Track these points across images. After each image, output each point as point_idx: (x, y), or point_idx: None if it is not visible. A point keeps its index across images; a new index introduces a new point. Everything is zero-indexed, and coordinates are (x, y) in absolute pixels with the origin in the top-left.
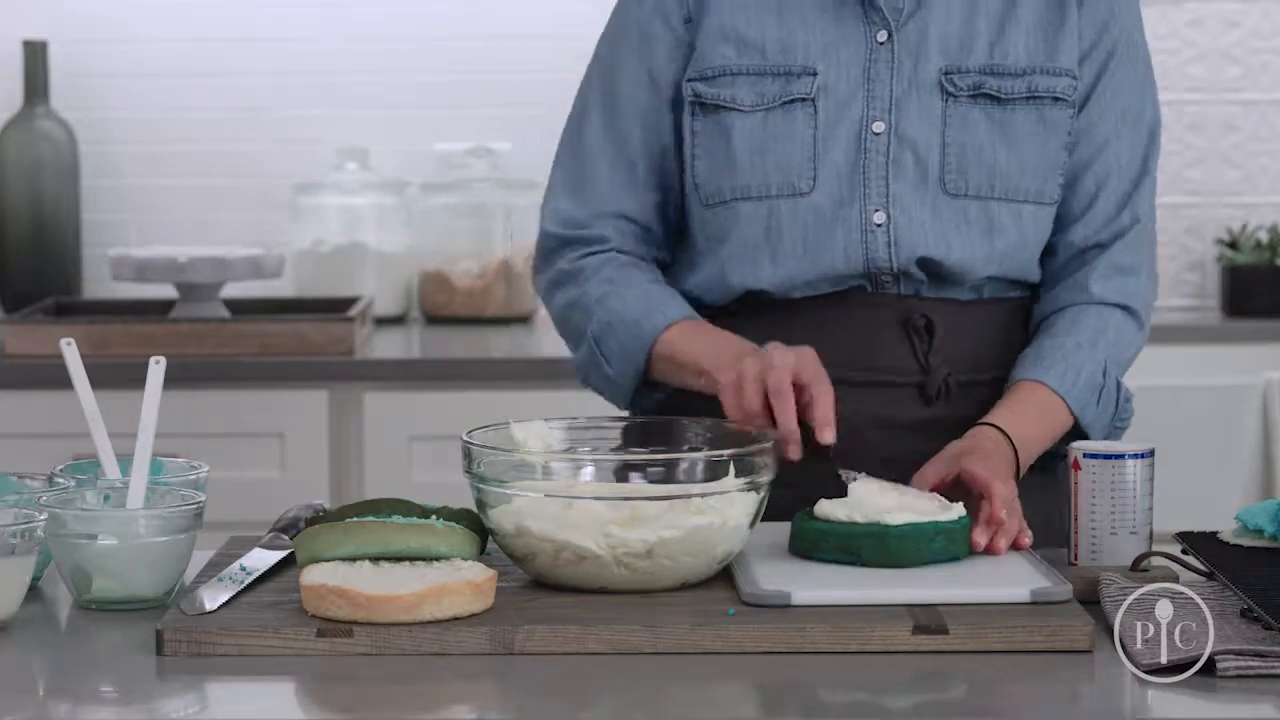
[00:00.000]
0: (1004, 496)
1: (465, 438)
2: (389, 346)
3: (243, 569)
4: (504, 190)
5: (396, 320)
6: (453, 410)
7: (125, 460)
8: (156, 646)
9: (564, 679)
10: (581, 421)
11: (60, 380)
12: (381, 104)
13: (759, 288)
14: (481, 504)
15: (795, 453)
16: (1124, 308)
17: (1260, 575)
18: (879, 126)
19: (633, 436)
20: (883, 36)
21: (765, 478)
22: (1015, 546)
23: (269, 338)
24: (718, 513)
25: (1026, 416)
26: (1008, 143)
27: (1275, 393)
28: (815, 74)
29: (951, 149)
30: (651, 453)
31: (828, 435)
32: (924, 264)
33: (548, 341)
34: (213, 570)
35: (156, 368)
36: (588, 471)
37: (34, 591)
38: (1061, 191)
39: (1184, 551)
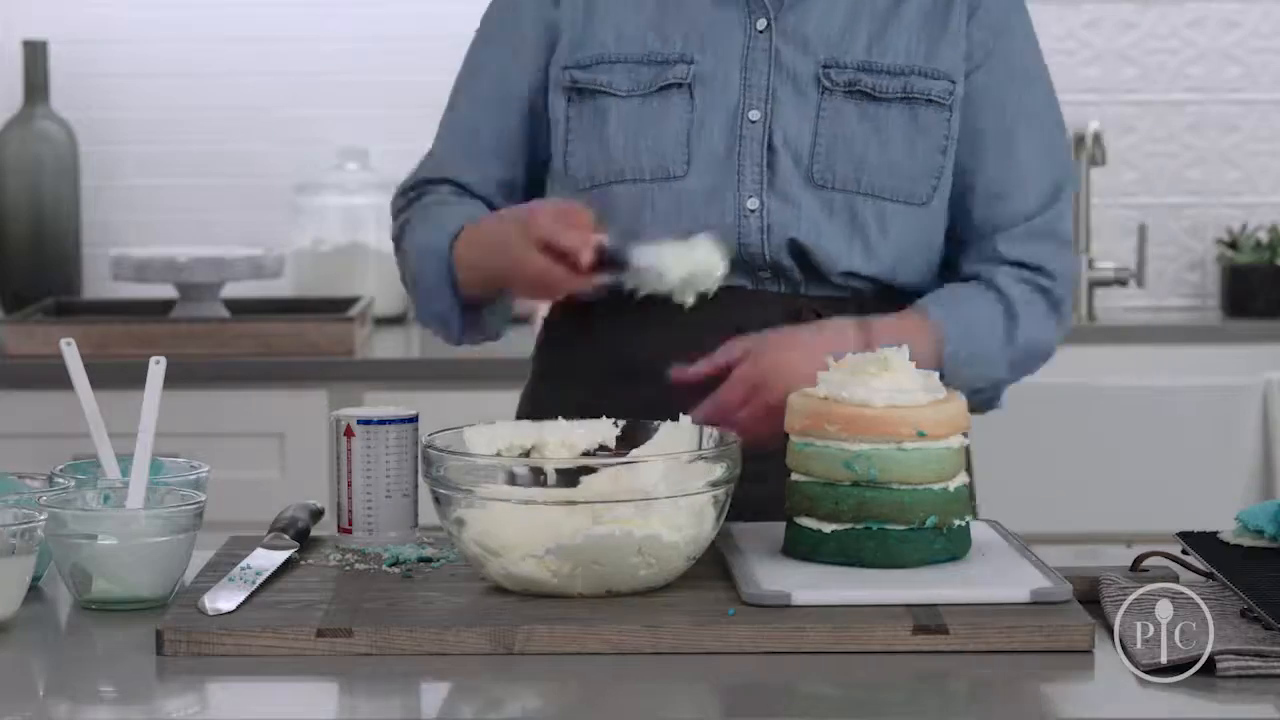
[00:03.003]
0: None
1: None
2: (389, 346)
3: (250, 569)
4: None
5: (396, 320)
6: (453, 410)
7: (125, 460)
8: (156, 646)
9: (564, 679)
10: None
11: (60, 380)
12: (381, 104)
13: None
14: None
15: (587, 256)
16: (1043, 290)
17: (1260, 575)
18: (755, 115)
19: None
20: (762, 25)
21: (696, 485)
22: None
23: (269, 338)
24: (621, 523)
25: (892, 328)
26: (879, 139)
27: (1275, 392)
28: (692, 61)
29: (822, 140)
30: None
31: (586, 255)
32: (795, 252)
33: None
34: (213, 570)
35: (156, 368)
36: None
37: (34, 591)
38: (934, 194)
39: (1184, 551)
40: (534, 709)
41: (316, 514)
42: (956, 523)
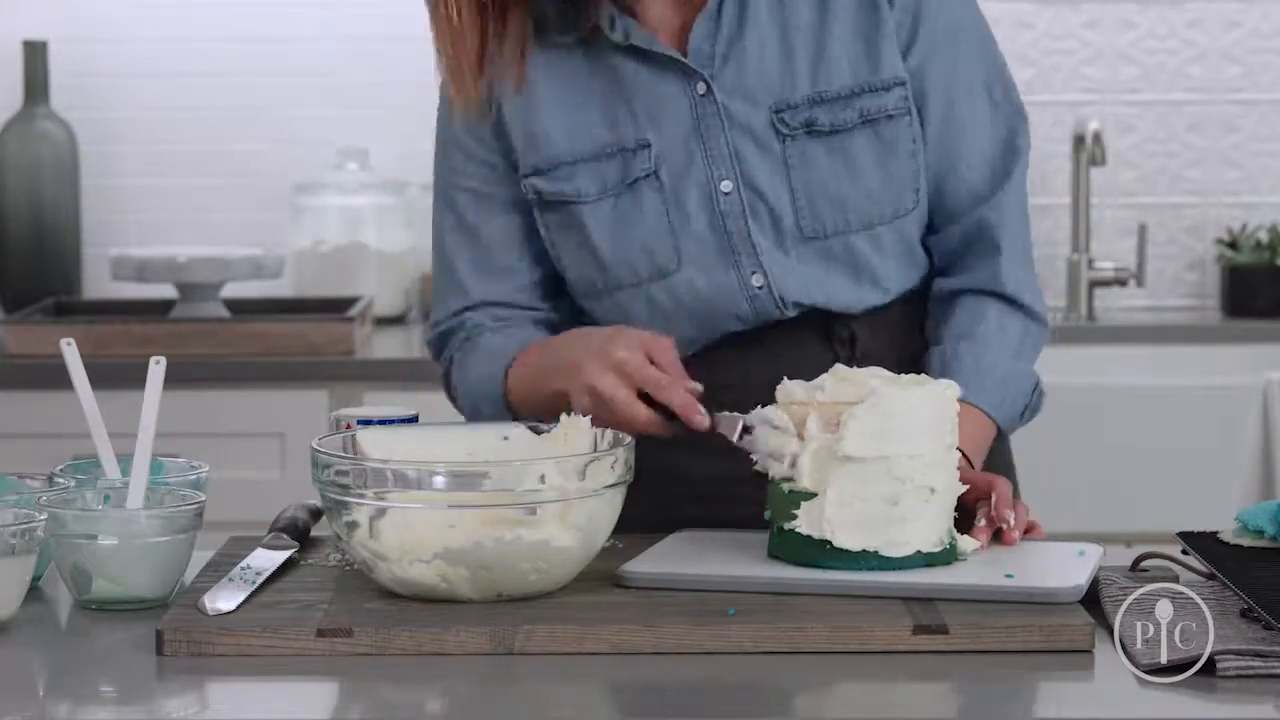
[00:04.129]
0: (1005, 494)
1: (315, 445)
2: (389, 346)
3: (250, 569)
4: None
5: (396, 320)
6: (452, 410)
7: (125, 460)
8: (156, 646)
9: (564, 679)
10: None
11: (60, 380)
12: (381, 104)
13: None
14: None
15: (701, 421)
16: (1021, 307)
17: (1260, 575)
18: (726, 186)
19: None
20: (702, 89)
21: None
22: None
23: (269, 338)
24: (510, 527)
25: (972, 441)
26: (850, 173)
27: (1276, 392)
28: (649, 145)
29: (799, 191)
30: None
31: (698, 421)
32: (811, 309)
33: None
34: (214, 570)
35: (156, 368)
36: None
37: (34, 591)
38: (918, 196)
39: (1184, 551)
40: (534, 709)
41: (316, 514)
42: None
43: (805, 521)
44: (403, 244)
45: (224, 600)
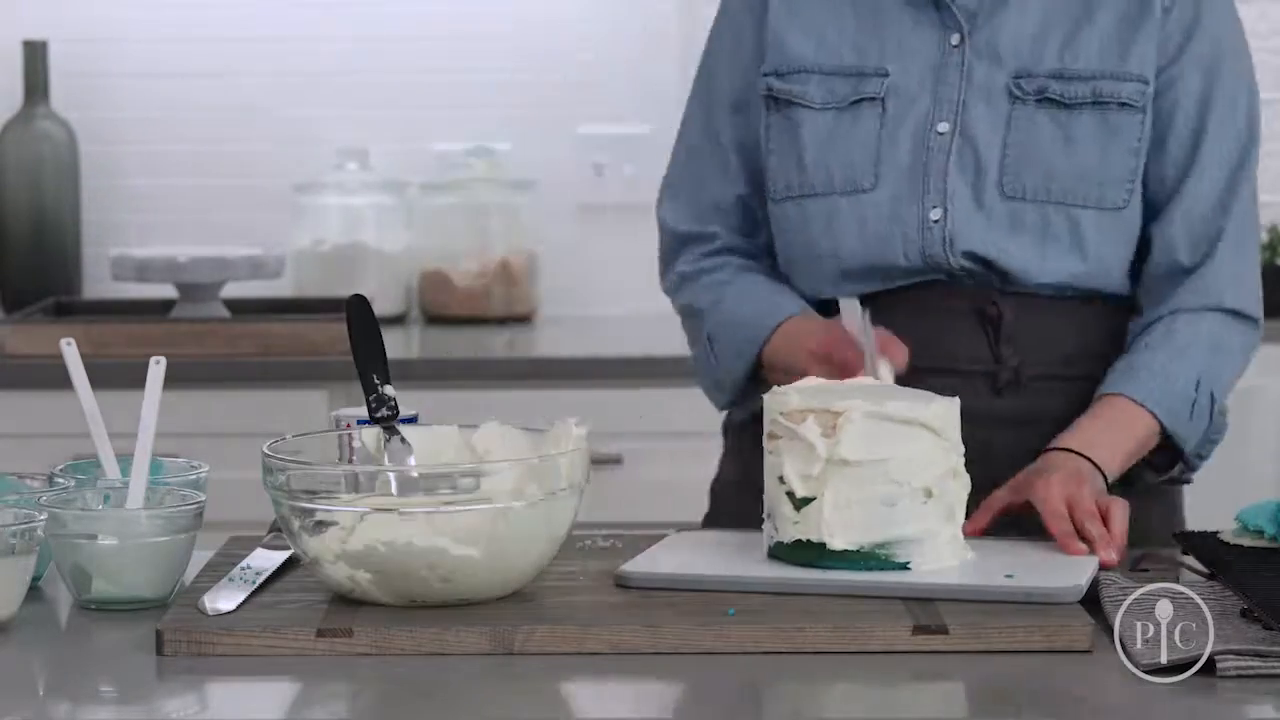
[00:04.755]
0: (1052, 498)
1: (266, 450)
2: (389, 346)
3: (250, 569)
4: (504, 190)
5: (396, 320)
6: (452, 410)
7: (125, 460)
8: (156, 646)
9: (564, 679)
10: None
11: (60, 380)
12: (381, 104)
13: (821, 290)
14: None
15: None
16: (1224, 310)
17: (1260, 575)
18: (943, 127)
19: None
20: (955, 40)
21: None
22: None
23: (269, 338)
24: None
25: (1096, 430)
26: (1068, 147)
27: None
28: (887, 75)
29: (1011, 151)
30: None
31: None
32: (980, 261)
33: (547, 341)
34: (214, 570)
35: (156, 368)
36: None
37: (34, 591)
38: (1130, 197)
39: (1184, 551)
40: (534, 709)
41: None
42: None
43: (804, 526)
44: (402, 244)
45: (224, 600)
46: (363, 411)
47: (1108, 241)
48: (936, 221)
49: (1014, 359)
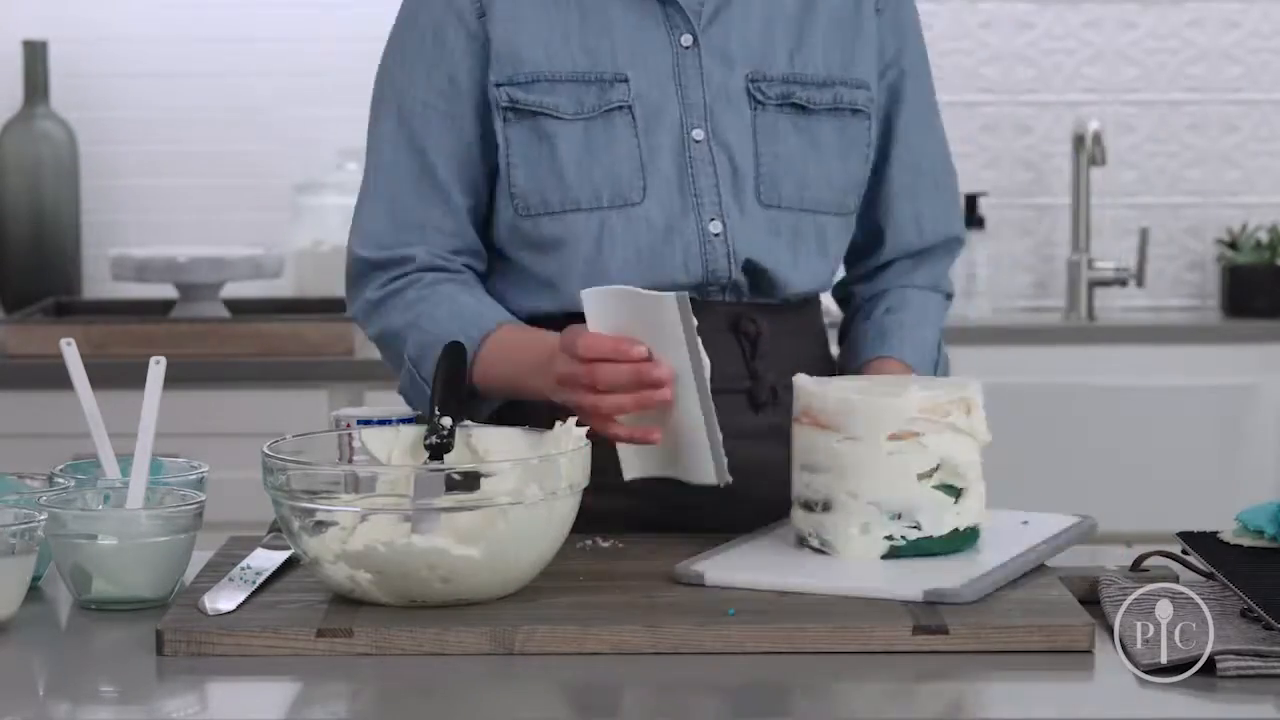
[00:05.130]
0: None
1: (266, 450)
2: None
3: (250, 569)
4: None
5: None
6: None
7: (125, 460)
8: (156, 646)
9: (564, 679)
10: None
11: (60, 380)
12: None
13: (575, 302)
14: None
15: (668, 393)
16: (943, 293)
17: (1260, 575)
18: (699, 134)
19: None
20: (687, 41)
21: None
22: None
23: (269, 338)
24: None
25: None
26: (816, 154)
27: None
28: (626, 80)
29: (764, 159)
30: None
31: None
32: (752, 272)
33: None
34: (214, 570)
35: (156, 368)
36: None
37: (34, 591)
38: (858, 202)
39: (1184, 551)
40: (534, 709)
41: None
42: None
43: (964, 515)
44: None
45: (224, 600)
46: (363, 411)
47: (840, 246)
48: (718, 235)
49: (769, 374)
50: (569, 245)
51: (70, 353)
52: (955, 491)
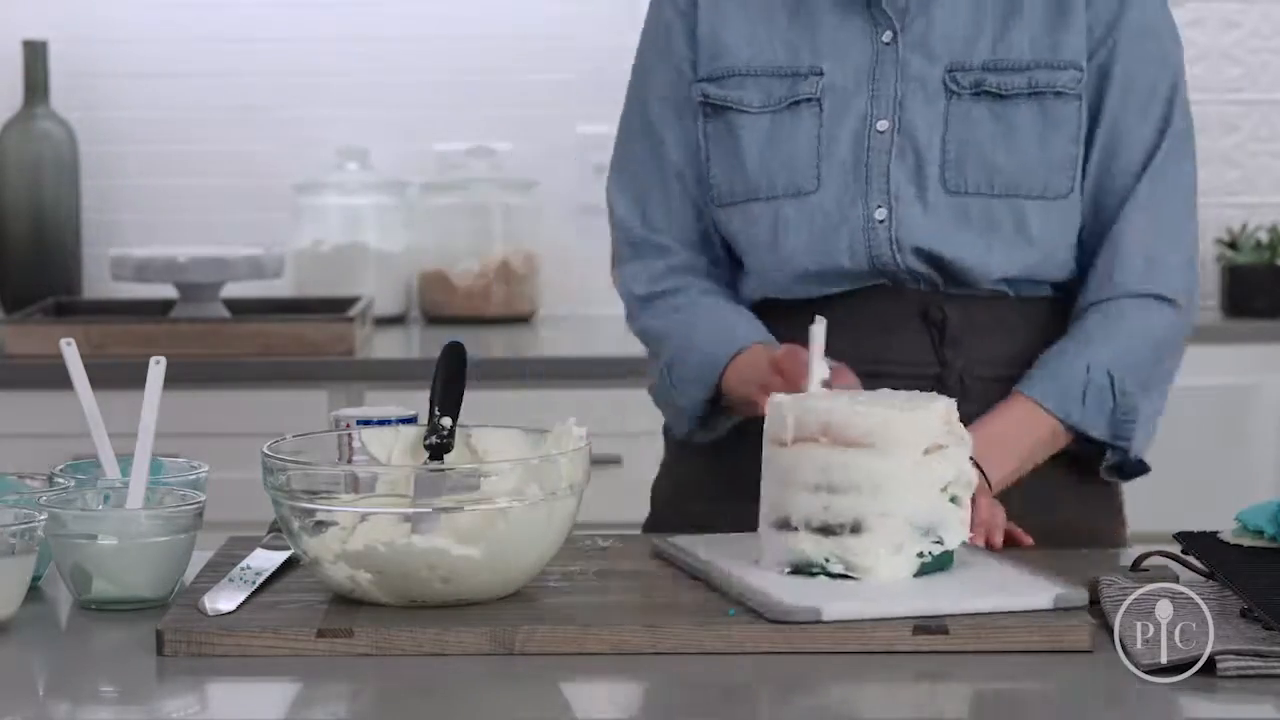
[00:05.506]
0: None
1: (266, 450)
2: (389, 346)
3: (250, 569)
4: (504, 190)
5: (396, 320)
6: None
7: (125, 460)
8: (156, 646)
9: (564, 679)
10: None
11: (60, 380)
12: (381, 104)
13: (770, 293)
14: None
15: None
16: (1147, 295)
17: (1260, 575)
18: (883, 125)
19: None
20: (888, 37)
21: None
22: (1015, 543)
23: (269, 338)
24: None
25: (988, 434)
26: (1008, 140)
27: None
28: (821, 74)
29: (951, 147)
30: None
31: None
32: (928, 260)
33: (547, 341)
34: (214, 570)
35: (156, 368)
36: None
37: (34, 591)
38: (1073, 185)
39: (1184, 551)
40: (534, 709)
41: None
42: None
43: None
44: (402, 244)
45: (224, 600)
46: (363, 411)
47: (1053, 230)
48: (882, 221)
49: (959, 362)
50: (749, 233)
51: (70, 353)
52: (959, 502)
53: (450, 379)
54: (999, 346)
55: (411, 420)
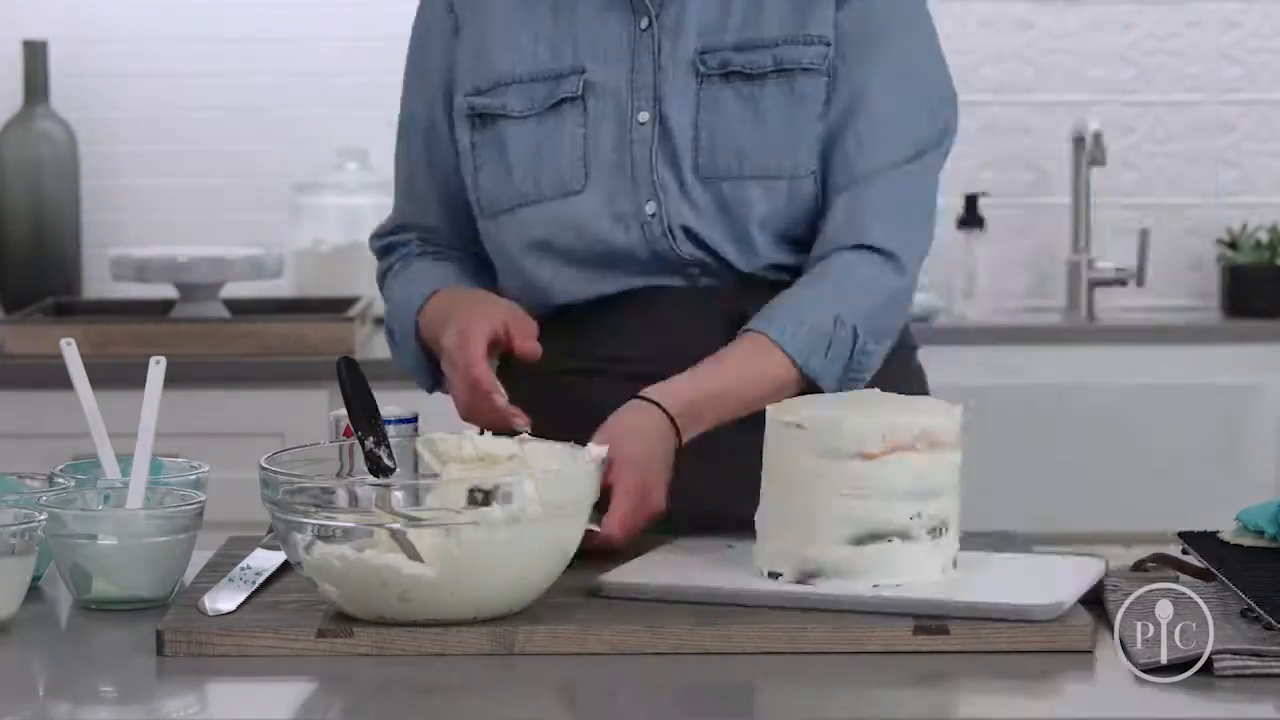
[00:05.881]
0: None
1: (264, 464)
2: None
3: (250, 569)
4: None
5: None
6: (453, 410)
7: (125, 460)
8: (156, 646)
9: (564, 679)
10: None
11: (60, 380)
12: (381, 104)
13: (559, 299)
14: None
15: (522, 420)
16: (874, 249)
17: (1260, 575)
18: (644, 116)
19: None
20: (645, 23)
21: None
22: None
23: (269, 338)
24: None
25: (711, 373)
26: (756, 120)
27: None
28: (584, 71)
29: (704, 132)
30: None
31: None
32: (707, 249)
33: None
34: (214, 570)
35: (156, 368)
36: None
37: (34, 591)
38: (818, 161)
39: (1184, 551)
40: (534, 709)
41: None
42: None
43: None
44: None
45: (224, 600)
46: None
47: (803, 207)
48: (653, 215)
49: None
50: (521, 239)
51: (70, 353)
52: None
53: (356, 392)
54: None
55: (412, 421)
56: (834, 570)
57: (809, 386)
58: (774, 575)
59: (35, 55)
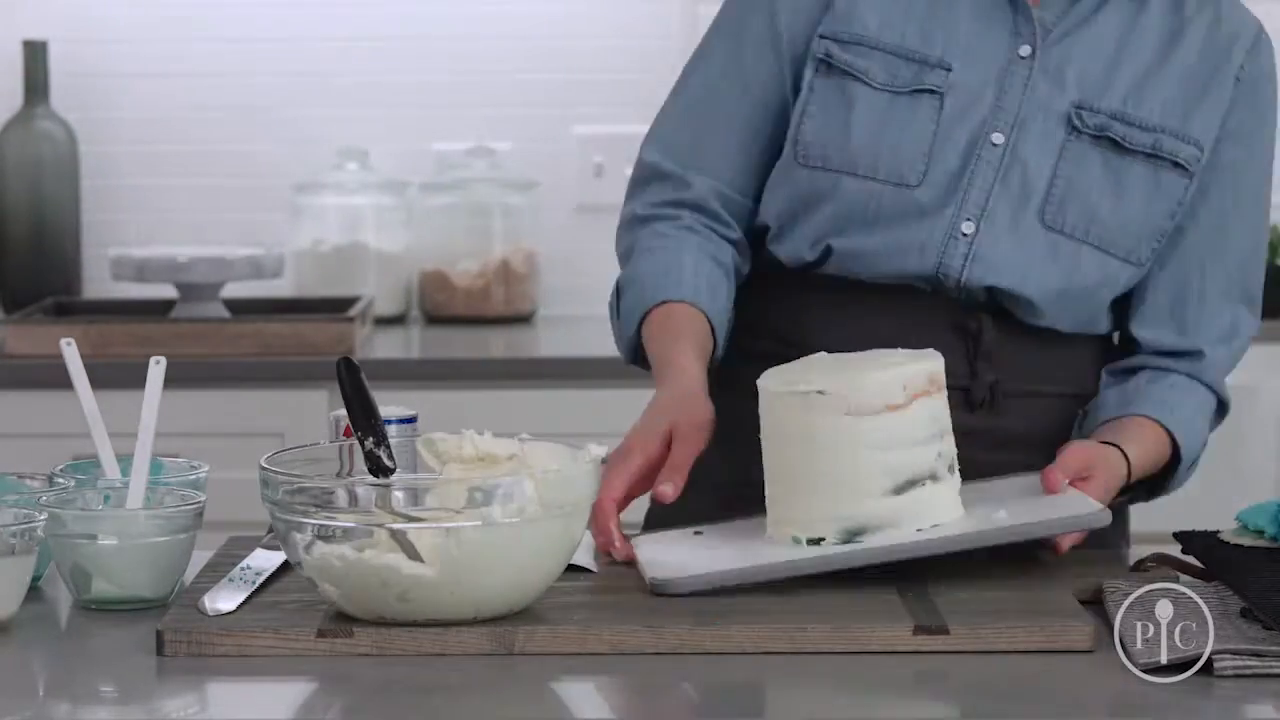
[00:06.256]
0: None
1: (264, 464)
2: (389, 346)
3: (250, 569)
4: (504, 190)
5: (396, 320)
6: (453, 410)
7: (125, 460)
8: (156, 646)
9: (564, 679)
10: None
11: (60, 380)
12: (381, 104)
13: (807, 256)
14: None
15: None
16: (1217, 396)
17: (1260, 575)
18: (997, 139)
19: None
20: (1025, 51)
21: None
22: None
23: (269, 338)
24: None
25: (1145, 453)
26: (1116, 193)
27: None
28: (949, 69)
29: (1060, 182)
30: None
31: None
32: (989, 285)
33: (547, 341)
34: (214, 570)
35: (156, 368)
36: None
37: (34, 591)
38: (1153, 257)
39: (1184, 551)
40: (534, 709)
41: None
42: None
43: None
44: (402, 244)
45: (224, 600)
46: None
47: (1115, 291)
48: (966, 235)
49: (989, 375)
50: (833, 203)
51: (70, 353)
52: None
53: (357, 393)
54: (1030, 363)
55: (411, 420)
56: (877, 524)
57: (1155, 486)
58: (814, 541)
59: (35, 55)
